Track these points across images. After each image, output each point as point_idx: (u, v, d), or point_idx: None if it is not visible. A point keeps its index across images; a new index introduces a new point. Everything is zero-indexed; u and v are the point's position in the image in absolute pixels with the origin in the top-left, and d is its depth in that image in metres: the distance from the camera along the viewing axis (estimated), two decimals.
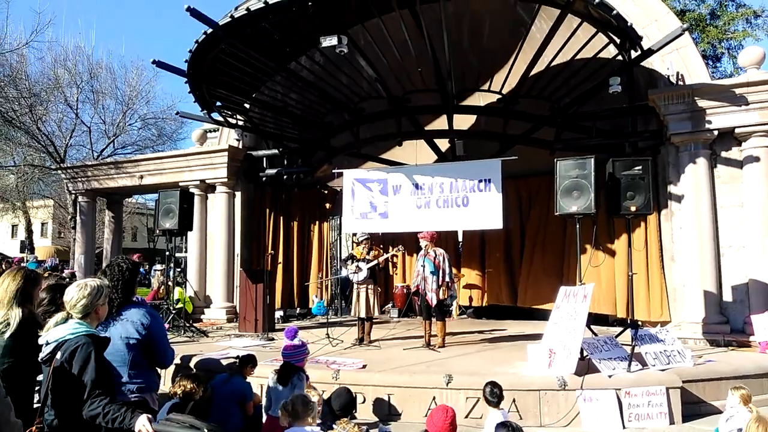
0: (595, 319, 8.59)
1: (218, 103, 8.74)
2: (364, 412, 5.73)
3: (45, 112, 17.00)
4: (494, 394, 4.45)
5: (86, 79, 18.08)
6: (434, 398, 5.59)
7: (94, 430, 2.51)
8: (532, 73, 7.85)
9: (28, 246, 25.19)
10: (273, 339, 8.22)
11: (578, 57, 7.66)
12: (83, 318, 2.68)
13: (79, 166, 13.34)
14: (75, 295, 2.70)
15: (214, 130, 14.47)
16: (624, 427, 5.36)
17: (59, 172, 14.83)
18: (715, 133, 7.83)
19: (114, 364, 2.77)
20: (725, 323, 7.73)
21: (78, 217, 13.61)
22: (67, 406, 2.50)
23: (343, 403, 3.87)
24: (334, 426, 3.65)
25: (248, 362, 5.30)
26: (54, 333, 2.59)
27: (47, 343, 2.58)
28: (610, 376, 5.70)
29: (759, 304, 7.44)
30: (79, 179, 12.89)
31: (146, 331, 3.32)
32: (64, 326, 2.61)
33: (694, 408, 5.73)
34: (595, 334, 6.56)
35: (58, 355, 2.51)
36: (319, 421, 4.40)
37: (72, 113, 17.84)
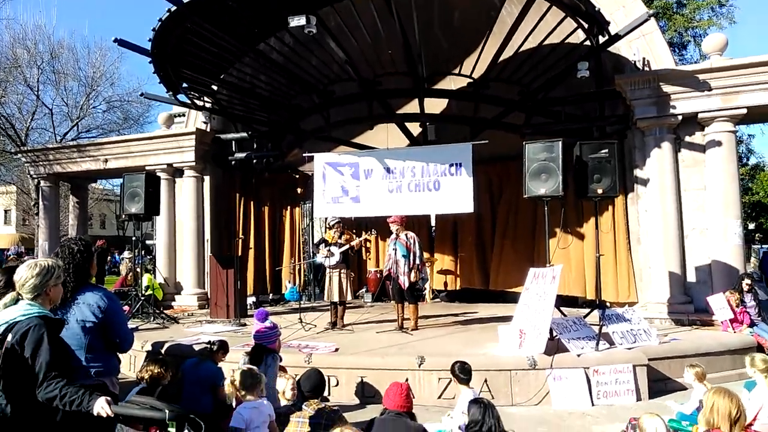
0: (565, 300, 8.75)
1: (185, 85, 8.51)
2: (338, 395, 5.74)
3: (3, 94, 16.33)
4: (465, 370, 4.50)
5: (47, 60, 17.43)
6: (407, 379, 5.59)
7: (50, 414, 2.42)
8: (502, 57, 7.86)
9: None
10: (245, 325, 8.15)
11: (547, 42, 7.70)
12: (34, 299, 2.56)
13: (40, 149, 12.90)
14: (24, 274, 2.59)
15: (181, 115, 14.12)
16: (593, 405, 5.50)
17: (20, 156, 14.30)
18: (680, 118, 8.01)
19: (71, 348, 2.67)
20: (689, 303, 7.97)
21: (41, 203, 13.18)
22: (20, 390, 2.40)
23: (312, 385, 3.85)
24: (303, 407, 3.63)
25: (220, 348, 5.23)
26: (4, 315, 2.48)
27: None
28: (578, 355, 5.82)
29: (721, 284, 7.68)
30: (41, 163, 12.46)
31: (103, 315, 3.22)
32: (15, 307, 2.50)
33: (660, 385, 5.92)
34: (564, 315, 6.69)
35: (9, 338, 2.40)
36: (290, 403, 4.40)
37: (32, 95, 17.20)
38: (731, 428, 2.94)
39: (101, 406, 2.35)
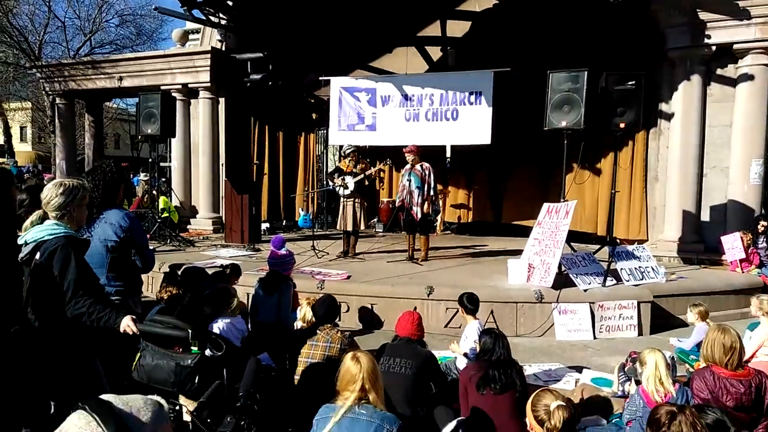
0: (577, 237, 8.76)
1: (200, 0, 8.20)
2: (349, 321, 5.94)
3: (15, 4, 15.95)
4: (472, 300, 4.61)
5: None
6: (415, 308, 5.77)
7: (75, 330, 2.53)
8: None
9: (7, 150, 24.64)
10: (259, 250, 8.33)
11: None
12: (60, 218, 2.60)
13: (54, 64, 12.75)
14: (50, 193, 2.61)
15: (196, 31, 13.73)
16: (595, 338, 5.65)
17: (34, 71, 14.17)
18: (713, 48, 7.61)
19: (93, 267, 2.76)
20: (700, 242, 7.95)
21: (57, 121, 13.20)
22: (47, 306, 2.50)
23: (326, 310, 3.99)
24: (318, 331, 3.78)
25: (233, 272, 5.40)
26: (32, 233, 2.54)
27: (26, 243, 2.54)
28: (585, 290, 5.91)
29: (735, 225, 7.61)
30: (56, 79, 12.35)
31: (124, 234, 3.31)
32: (41, 226, 2.55)
33: (663, 321, 6.04)
34: (574, 251, 6.73)
35: (37, 256, 2.48)
36: (303, 325, 4.59)
37: (44, 6, 16.79)
38: (729, 362, 3.01)
39: (127, 324, 2.45)
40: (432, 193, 7.46)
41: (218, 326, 3.89)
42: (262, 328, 4.52)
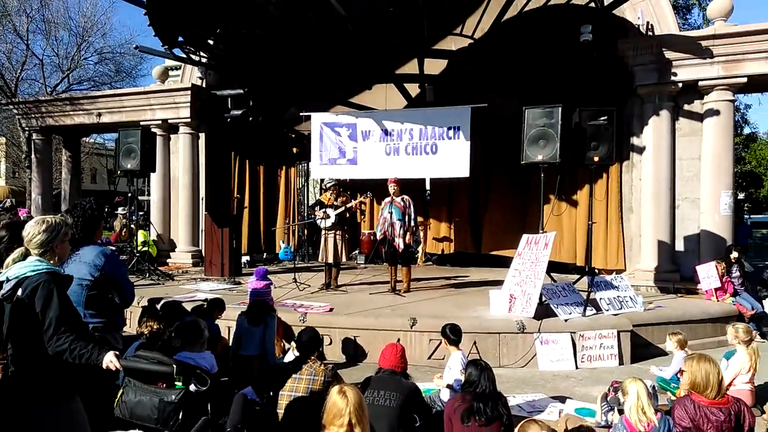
0: (555, 267, 8.88)
1: (180, 39, 8.32)
2: (332, 354, 5.89)
3: None
4: (455, 332, 4.62)
5: (36, 8, 16.90)
6: (399, 340, 5.74)
7: (56, 367, 2.48)
8: (505, 17, 7.71)
9: None
10: (239, 283, 8.25)
11: (551, 3, 7.55)
12: (42, 255, 2.59)
13: (32, 101, 12.68)
14: (32, 230, 2.60)
15: (176, 68, 13.86)
16: (577, 368, 5.68)
17: (11, 107, 14.05)
18: (680, 85, 7.96)
19: None
20: (676, 271, 8.13)
21: (33, 156, 13.04)
22: (28, 343, 2.46)
23: (307, 338, 3.97)
24: (303, 366, 3.75)
25: (216, 305, 5.34)
26: (14, 270, 2.51)
27: (7, 280, 2.50)
28: (566, 320, 5.97)
29: (708, 254, 7.82)
30: (33, 116, 12.27)
31: (99, 273, 3.28)
32: (24, 263, 2.53)
33: (643, 350, 6.10)
34: (554, 281, 6.82)
35: (19, 293, 2.44)
36: (291, 358, 4.54)
37: (22, 44, 16.75)
38: (709, 390, 3.07)
39: (110, 360, 2.42)
40: (413, 224, 7.54)
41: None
42: (246, 362, 4.46)
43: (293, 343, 4.43)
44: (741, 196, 30.49)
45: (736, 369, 4.51)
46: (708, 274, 7.34)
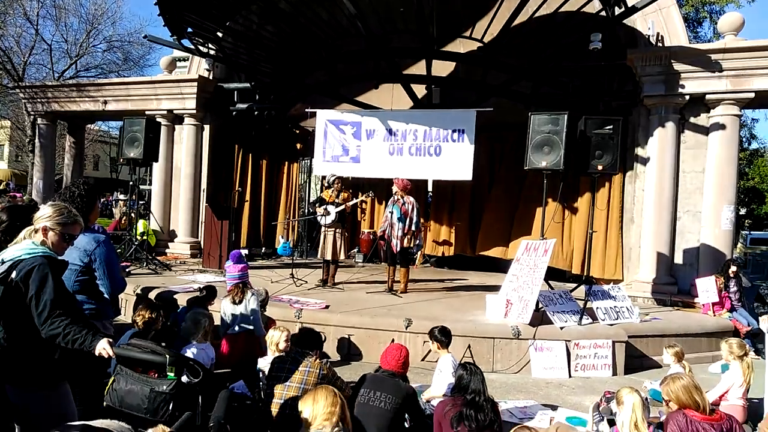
0: (551, 273, 8.85)
1: (189, 30, 8.32)
2: (326, 351, 5.87)
3: (2, 26, 15.93)
4: (444, 333, 4.59)
5: None
6: (393, 340, 5.73)
7: (47, 350, 2.48)
8: (515, 22, 7.70)
9: None
10: None
11: (562, 10, 7.54)
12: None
13: (38, 86, 12.69)
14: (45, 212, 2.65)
15: (184, 59, 13.87)
16: (570, 376, 5.67)
17: (17, 91, 14.07)
18: (687, 97, 7.93)
19: None
20: (673, 284, 8.10)
21: (37, 141, 13.06)
22: (19, 325, 2.45)
23: (306, 336, 3.99)
24: (301, 363, 3.73)
25: (208, 294, 5.39)
26: (10, 252, 2.52)
27: (2, 262, 2.51)
28: (561, 328, 5.96)
29: (707, 268, 7.79)
30: (39, 100, 12.28)
31: (88, 258, 3.28)
32: (19, 245, 2.53)
33: (636, 361, 6.09)
34: (552, 288, 6.80)
35: (13, 275, 2.44)
36: (273, 350, 4.56)
37: (32, 29, 16.78)
38: (700, 405, 3.06)
39: (103, 347, 2.41)
40: (414, 228, 7.50)
41: (191, 351, 3.85)
42: (234, 339, 4.71)
43: (276, 344, 4.44)
44: (742, 211, 30.42)
45: (728, 383, 4.50)
46: (707, 287, 7.32)
